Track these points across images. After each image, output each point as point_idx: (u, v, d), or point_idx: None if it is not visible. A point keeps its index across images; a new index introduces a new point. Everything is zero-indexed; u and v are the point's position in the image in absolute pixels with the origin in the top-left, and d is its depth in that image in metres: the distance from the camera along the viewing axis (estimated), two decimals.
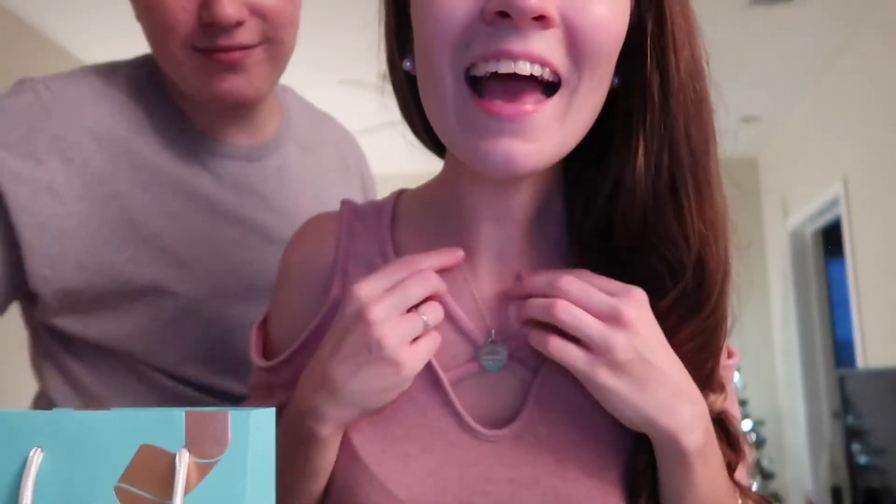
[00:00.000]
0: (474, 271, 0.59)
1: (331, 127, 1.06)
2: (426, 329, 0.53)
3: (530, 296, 0.54)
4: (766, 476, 3.99)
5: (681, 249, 0.53)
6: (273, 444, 0.47)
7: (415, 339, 0.52)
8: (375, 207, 0.65)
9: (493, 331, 0.57)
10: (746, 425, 4.01)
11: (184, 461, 0.43)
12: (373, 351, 0.51)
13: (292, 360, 0.61)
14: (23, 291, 0.76)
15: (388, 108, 0.67)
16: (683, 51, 0.54)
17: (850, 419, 3.02)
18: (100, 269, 0.75)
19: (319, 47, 3.50)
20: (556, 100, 0.49)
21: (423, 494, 0.54)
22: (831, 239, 4.24)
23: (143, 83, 0.81)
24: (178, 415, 0.44)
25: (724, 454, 0.56)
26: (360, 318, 0.51)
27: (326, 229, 0.64)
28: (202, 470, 0.44)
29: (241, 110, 0.81)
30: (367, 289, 0.52)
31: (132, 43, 0.87)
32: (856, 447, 2.98)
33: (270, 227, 0.85)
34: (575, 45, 0.48)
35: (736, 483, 0.58)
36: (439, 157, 0.66)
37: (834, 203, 3.74)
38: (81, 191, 0.74)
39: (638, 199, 0.53)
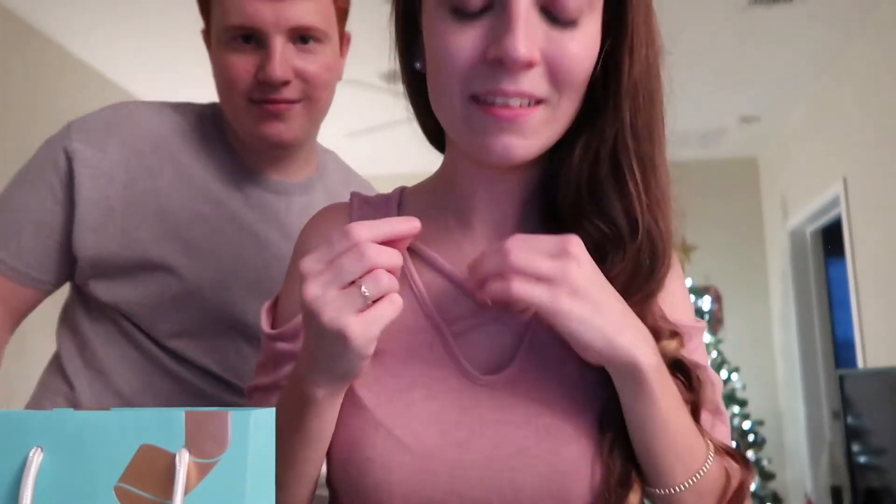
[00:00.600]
0: (475, 245, 0.68)
1: (362, 187, 1.22)
2: (366, 301, 0.54)
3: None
4: (766, 476, 3.99)
5: (620, 222, 0.62)
6: (273, 444, 0.47)
7: (364, 310, 0.55)
8: (382, 197, 0.75)
9: None
10: (746, 425, 4.01)
11: (184, 461, 0.43)
12: (313, 325, 0.55)
13: (300, 331, 0.66)
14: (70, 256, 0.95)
15: (388, 108, 0.70)
16: (640, 52, 0.62)
17: (850, 419, 3.02)
18: (128, 245, 0.94)
19: None
20: (542, 109, 0.60)
21: (426, 437, 0.61)
22: (831, 239, 4.24)
23: (207, 119, 1.02)
24: (178, 415, 0.44)
25: (684, 395, 0.63)
26: (302, 293, 0.55)
27: (337, 215, 0.74)
28: (202, 470, 0.44)
29: (280, 151, 1.00)
30: (307, 265, 0.56)
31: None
32: (856, 447, 2.98)
33: (281, 247, 1.00)
34: (555, 77, 0.59)
35: (701, 429, 0.63)
36: (439, 151, 0.74)
37: (834, 203, 3.74)
38: (130, 182, 0.95)
39: (572, 181, 0.64)
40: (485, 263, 0.58)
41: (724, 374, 4.12)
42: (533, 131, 0.60)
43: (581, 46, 0.60)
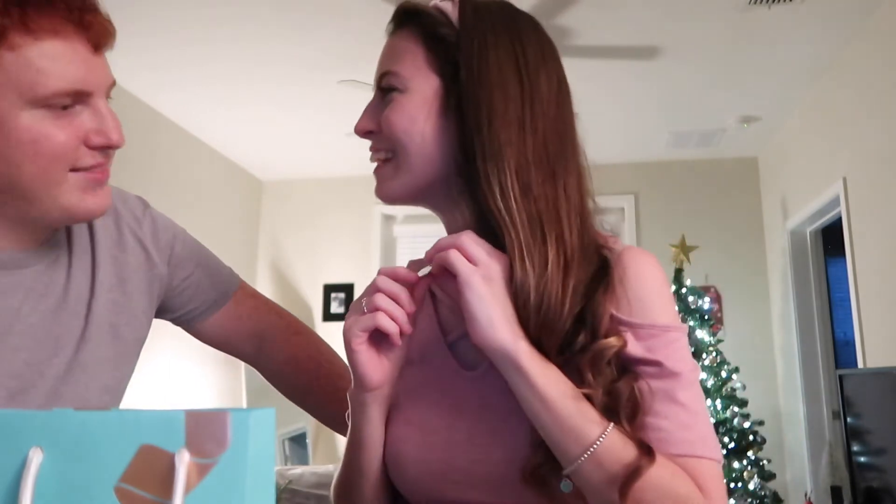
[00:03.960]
0: None
1: None
2: (363, 311, 0.76)
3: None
4: (766, 476, 3.99)
5: (503, 219, 0.76)
6: (273, 444, 0.47)
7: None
8: None
9: None
10: (746, 425, 4.01)
11: (184, 461, 0.43)
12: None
13: None
14: None
15: None
16: (474, 91, 0.78)
17: (850, 419, 3.02)
18: None
19: (319, 47, 3.50)
20: (387, 165, 0.84)
21: (429, 418, 0.82)
22: (831, 239, 4.24)
23: None
24: (178, 415, 0.44)
25: (607, 385, 0.72)
26: None
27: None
28: (202, 470, 0.44)
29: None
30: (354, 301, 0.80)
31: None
32: (856, 447, 2.98)
33: None
34: (388, 139, 0.82)
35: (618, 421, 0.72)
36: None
37: (834, 203, 3.74)
38: None
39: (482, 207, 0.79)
40: (442, 240, 0.75)
41: (724, 374, 4.11)
42: (387, 180, 0.84)
43: (396, 113, 0.81)
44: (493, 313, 0.70)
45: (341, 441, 1.09)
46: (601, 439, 0.68)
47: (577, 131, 0.84)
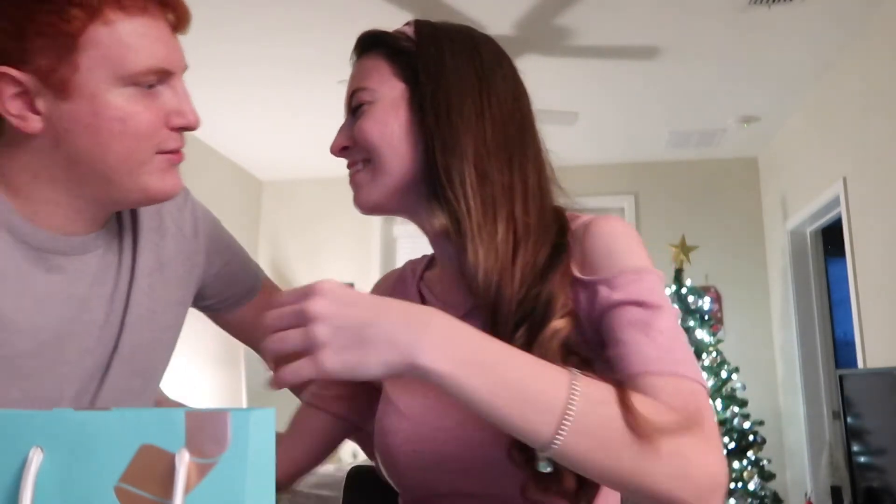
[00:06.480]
0: (441, 280, 0.93)
1: None
2: None
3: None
4: (766, 476, 3.99)
5: (459, 208, 0.79)
6: (273, 443, 0.47)
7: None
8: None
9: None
10: (746, 425, 4.01)
11: (184, 461, 0.43)
12: None
13: None
14: None
15: None
16: (440, 97, 0.82)
17: (850, 419, 3.02)
18: None
19: (319, 47, 3.50)
20: (363, 172, 0.86)
21: (416, 409, 0.83)
22: (831, 239, 4.24)
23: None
24: (178, 415, 0.44)
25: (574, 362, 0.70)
26: None
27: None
28: (202, 470, 0.44)
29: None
30: None
31: None
32: (856, 447, 2.98)
33: None
34: (362, 148, 0.85)
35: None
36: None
37: (834, 203, 3.73)
38: None
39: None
40: (271, 343, 0.63)
41: (724, 374, 4.11)
42: (362, 186, 0.86)
43: (368, 122, 0.83)
44: (379, 359, 0.61)
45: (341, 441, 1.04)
46: (570, 412, 0.61)
47: (536, 126, 0.87)
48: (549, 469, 0.67)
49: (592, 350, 0.76)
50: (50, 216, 0.85)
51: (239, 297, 1.13)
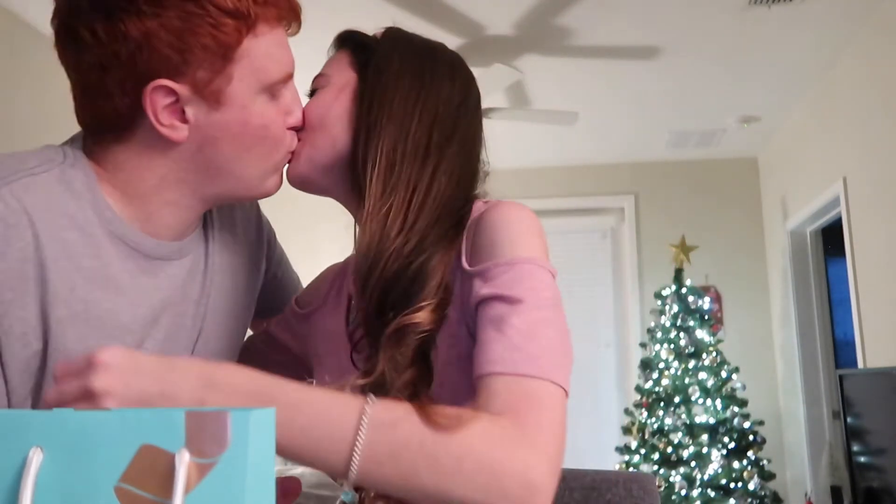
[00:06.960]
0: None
1: None
2: None
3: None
4: (766, 476, 3.99)
5: (365, 191, 0.82)
6: (273, 444, 0.47)
7: None
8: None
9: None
10: (746, 425, 4.01)
11: (184, 461, 0.43)
12: None
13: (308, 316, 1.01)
14: None
15: None
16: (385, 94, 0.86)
17: (850, 419, 3.02)
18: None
19: (319, 47, 3.49)
20: (300, 145, 0.89)
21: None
22: (831, 239, 4.24)
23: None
24: (178, 415, 0.44)
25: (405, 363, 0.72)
26: None
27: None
28: (202, 470, 0.44)
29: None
30: None
31: None
32: (856, 447, 2.98)
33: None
34: (305, 126, 0.88)
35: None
36: None
37: (834, 203, 3.74)
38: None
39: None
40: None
41: (724, 374, 4.11)
42: (296, 157, 0.89)
43: (314, 103, 0.89)
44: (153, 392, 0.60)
45: None
46: (359, 441, 0.61)
47: (480, 142, 0.90)
48: (352, 498, 0.69)
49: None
50: (165, 217, 0.84)
51: (273, 312, 1.10)
